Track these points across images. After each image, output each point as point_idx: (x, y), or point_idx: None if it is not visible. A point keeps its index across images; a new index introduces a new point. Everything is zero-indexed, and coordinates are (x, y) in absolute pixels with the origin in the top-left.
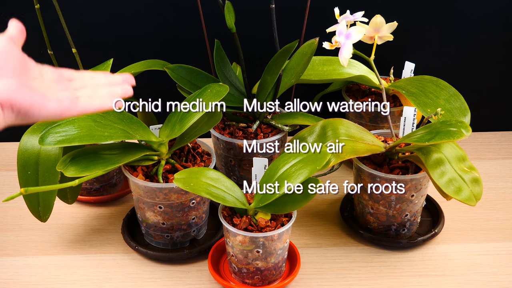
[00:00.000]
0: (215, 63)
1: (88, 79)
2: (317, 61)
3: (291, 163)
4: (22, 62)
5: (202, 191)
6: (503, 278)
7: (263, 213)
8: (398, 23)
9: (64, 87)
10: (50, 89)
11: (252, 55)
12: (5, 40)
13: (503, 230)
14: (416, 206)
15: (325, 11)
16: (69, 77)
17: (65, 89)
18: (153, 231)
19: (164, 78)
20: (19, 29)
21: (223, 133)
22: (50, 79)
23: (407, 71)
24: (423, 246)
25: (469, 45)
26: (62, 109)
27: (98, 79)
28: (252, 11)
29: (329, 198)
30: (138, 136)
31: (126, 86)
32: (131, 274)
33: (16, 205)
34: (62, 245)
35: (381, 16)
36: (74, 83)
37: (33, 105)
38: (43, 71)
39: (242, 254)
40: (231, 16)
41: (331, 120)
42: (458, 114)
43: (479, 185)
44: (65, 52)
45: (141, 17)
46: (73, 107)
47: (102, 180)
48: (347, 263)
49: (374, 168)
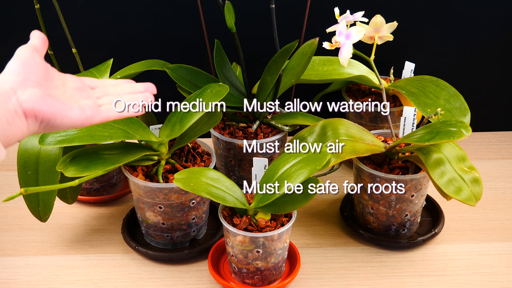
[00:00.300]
0: (215, 63)
1: (110, 87)
2: (317, 61)
3: (291, 163)
4: (45, 71)
5: (202, 191)
6: (503, 278)
7: (263, 213)
8: (398, 23)
9: (87, 95)
10: (73, 97)
11: (252, 55)
12: (29, 50)
13: (503, 230)
14: (416, 206)
15: (325, 11)
16: (91, 85)
17: (87, 97)
18: (153, 231)
19: (164, 78)
20: (42, 39)
21: (223, 133)
22: (72, 87)
23: (407, 71)
24: (423, 246)
25: (469, 45)
26: (85, 118)
27: (120, 86)
28: (252, 11)
29: (329, 198)
30: (138, 136)
31: (147, 94)
32: (131, 274)
33: (16, 205)
34: (62, 245)
35: (381, 16)
36: (96, 91)
37: (55, 114)
38: (66, 79)
39: (242, 254)
40: (231, 16)
41: (331, 120)
42: (458, 114)
43: (479, 185)
44: (65, 52)
45: (141, 17)
46: (96, 115)
47: (102, 180)
48: (347, 263)
49: (374, 168)
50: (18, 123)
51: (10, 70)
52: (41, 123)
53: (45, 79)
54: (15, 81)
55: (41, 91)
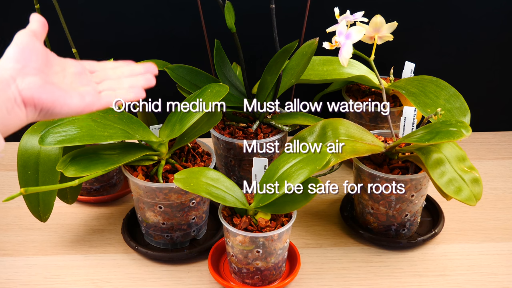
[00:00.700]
0: (215, 63)
1: (110, 71)
2: (317, 61)
3: (291, 163)
4: (45, 57)
5: (202, 191)
6: (503, 278)
7: (263, 213)
8: (398, 23)
9: (87, 81)
10: (72, 84)
11: (252, 55)
12: (28, 35)
13: (503, 230)
14: (416, 206)
15: (325, 11)
16: (91, 69)
17: (87, 83)
18: (153, 231)
19: (164, 78)
20: (42, 23)
21: (223, 133)
22: (72, 72)
23: (407, 71)
24: (423, 246)
25: (469, 44)
26: (84, 105)
27: (120, 69)
28: (252, 11)
29: (329, 198)
30: (138, 136)
31: (148, 75)
32: (131, 274)
33: (16, 205)
34: (62, 245)
35: (381, 16)
36: (96, 75)
37: (55, 102)
38: (66, 64)
39: (242, 254)
40: (231, 16)
41: (331, 120)
42: (458, 114)
43: (479, 185)
44: (65, 52)
45: (141, 17)
46: (96, 102)
47: (102, 180)
48: (347, 263)
49: (374, 168)
50: (17, 111)
51: (8, 56)
52: (40, 112)
53: (44, 65)
54: (14, 69)
55: (41, 78)
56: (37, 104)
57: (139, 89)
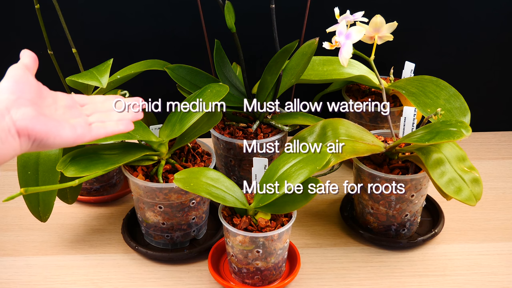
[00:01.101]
0: (215, 63)
1: (99, 104)
2: (317, 61)
3: (291, 163)
4: (38, 90)
5: (202, 191)
6: (503, 278)
7: (263, 213)
8: (398, 23)
9: (78, 113)
10: (64, 116)
11: (252, 55)
12: (21, 68)
13: (503, 230)
14: (416, 206)
15: (325, 11)
16: (81, 102)
17: (78, 115)
18: (153, 231)
19: (164, 78)
20: (32, 58)
21: (223, 133)
22: (63, 105)
23: (407, 71)
24: (423, 246)
25: (469, 44)
26: (76, 136)
27: (109, 103)
28: (252, 11)
29: (329, 198)
30: (138, 136)
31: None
32: (131, 274)
33: (16, 205)
34: (62, 245)
35: (381, 16)
36: (86, 108)
37: (48, 133)
38: (57, 97)
39: (242, 254)
40: (231, 16)
41: (331, 120)
42: (458, 114)
43: (479, 185)
44: (65, 52)
45: (141, 17)
46: (87, 133)
47: (102, 180)
48: (347, 263)
49: (374, 168)
50: (11, 141)
51: (3, 88)
52: (33, 142)
53: (37, 97)
54: (9, 100)
55: (35, 110)
56: (31, 134)
57: (127, 121)
